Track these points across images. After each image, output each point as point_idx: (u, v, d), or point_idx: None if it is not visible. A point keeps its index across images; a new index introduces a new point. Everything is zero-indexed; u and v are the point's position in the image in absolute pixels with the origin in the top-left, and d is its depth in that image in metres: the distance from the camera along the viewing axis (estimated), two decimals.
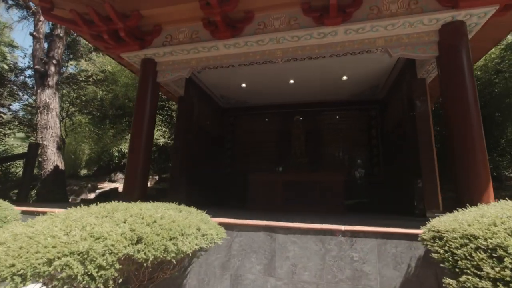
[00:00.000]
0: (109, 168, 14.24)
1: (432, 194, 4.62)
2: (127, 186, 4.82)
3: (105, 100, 11.56)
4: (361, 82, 6.45)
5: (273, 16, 4.48)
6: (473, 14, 3.71)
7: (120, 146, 10.52)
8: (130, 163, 4.91)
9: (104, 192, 9.44)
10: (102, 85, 11.21)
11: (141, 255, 1.62)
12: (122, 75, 11.01)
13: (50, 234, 1.64)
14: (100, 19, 4.61)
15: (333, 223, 2.75)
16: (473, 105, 3.58)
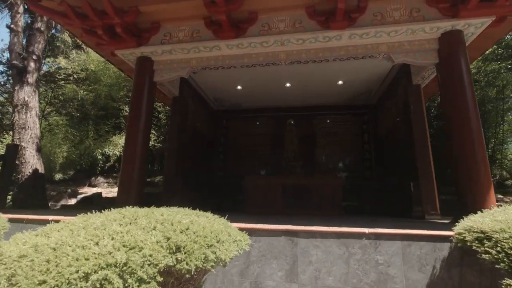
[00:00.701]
0: (89, 172, 13.45)
1: (429, 196, 4.79)
2: (123, 191, 4.54)
3: (86, 100, 10.94)
4: (355, 87, 6.60)
5: (277, 18, 4.46)
6: (471, 24, 3.92)
7: (105, 148, 9.97)
8: (125, 166, 4.63)
9: (87, 198, 8.87)
10: (84, 84, 10.61)
11: (182, 265, 1.48)
12: (106, 75, 10.49)
13: (77, 244, 1.45)
14: (95, 13, 4.33)
15: (341, 226, 2.73)
16: (472, 110, 3.75)
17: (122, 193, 4.53)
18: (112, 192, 11.29)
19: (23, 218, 3.29)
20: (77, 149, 10.25)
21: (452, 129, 3.83)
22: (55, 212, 4.69)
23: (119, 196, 4.52)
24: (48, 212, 4.80)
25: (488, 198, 3.47)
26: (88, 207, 7.93)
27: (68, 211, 5.61)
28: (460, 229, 2.05)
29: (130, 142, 4.69)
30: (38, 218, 3.26)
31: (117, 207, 4.42)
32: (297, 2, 4.22)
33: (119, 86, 10.49)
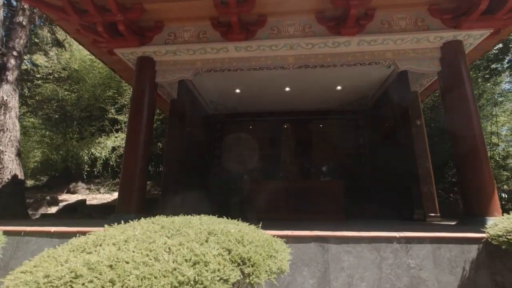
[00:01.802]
0: (66, 178, 12.59)
1: (430, 199, 4.96)
2: (124, 198, 4.26)
3: (67, 100, 10.27)
4: (353, 92, 6.76)
5: (287, 22, 4.45)
6: (471, 35, 4.15)
7: (92, 149, 9.38)
8: (126, 171, 4.36)
9: (70, 206, 8.24)
10: (65, 84, 9.97)
11: (252, 279, 1.37)
12: (90, 74, 9.93)
13: (135, 260, 1.30)
14: (96, 9, 4.07)
15: (353, 230, 2.75)
16: (474, 116, 3.94)
17: (123, 200, 4.25)
18: (96, 199, 10.64)
19: (21, 230, 2.97)
20: (58, 152, 9.55)
21: (456, 135, 4.00)
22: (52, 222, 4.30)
23: (120, 204, 4.24)
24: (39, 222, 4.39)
25: (492, 203, 3.64)
26: (75, 215, 7.39)
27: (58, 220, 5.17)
28: (498, 231, 2.11)
29: (131, 146, 4.43)
30: (39, 230, 2.95)
31: (117, 215, 4.17)
32: (307, 7, 4.24)
33: (107, 86, 9.97)
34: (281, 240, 2.25)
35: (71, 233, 2.95)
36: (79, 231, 2.94)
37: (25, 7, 6.25)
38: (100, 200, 10.63)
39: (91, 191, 12.09)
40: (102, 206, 8.92)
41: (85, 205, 8.52)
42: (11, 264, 2.92)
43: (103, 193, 11.94)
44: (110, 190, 12.00)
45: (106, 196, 11.39)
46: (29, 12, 6.34)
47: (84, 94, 10.20)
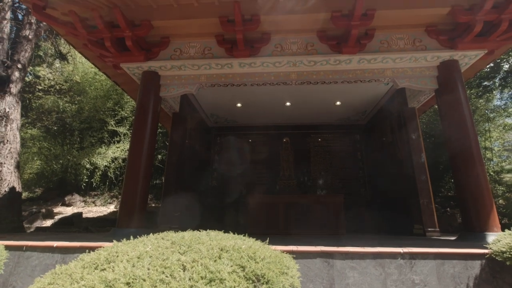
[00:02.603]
0: (61, 190, 12.41)
1: (428, 213, 4.99)
2: (125, 211, 4.23)
3: (67, 112, 10.30)
4: (352, 107, 6.90)
5: (290, 40, 4.61)
6: (466, 56, 4.32)
7: (92, 158, 9.33)
8: (128, 185, 4.35)
9: (65, 219, 8.10)
10: (66, 95, 10.02)
11: None
12: (92, 86, 10.02)
13: (151, 277, 1.31)
14: (105, 25, 4.19)
15: (355, 245, 2.78)
16: (472, 132, 4.05)
17: (124, 214, 4.21)
18: (92, 212, 10.47)
19: (22, 245, 2.92)
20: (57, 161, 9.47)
21: (455, 153, 4.10)
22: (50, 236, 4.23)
23: (122, 218, 4.20)
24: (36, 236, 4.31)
25: (491, 218, 3.69)
26: (71, 229, 7.26)
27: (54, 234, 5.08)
28: (501, 247, 2.15)
29: (134, 160, 4.44)
30: (41, 245, 2.91)
31: (119, 229, 4.12)
32: (309, 26, 4.41)
33: (108, 98, 10.04)
34: (289, 256, 2.26)
35: (74, 248, 2.92)
36: (82, 246, 2.91)
37: (32, 21, 6.38)
38: (96, 213, 10.45)
39: (86, 203, 11.90)
40: (98, 219, 8.77)
41: (81, 218, 8.38)
42: (10, 280, 2.86)
43: (99, 206, 11.76)
44: (106, 202, 11.84)
45: (102, 209, 11.21)
46: (36, 26, 6.47)
47: (85, 106, 10.24)
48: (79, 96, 9.98)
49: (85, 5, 4.05)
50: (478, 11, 3.68)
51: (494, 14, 3.74)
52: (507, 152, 18.36)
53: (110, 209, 11.05)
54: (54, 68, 10.00)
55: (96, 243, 2.89)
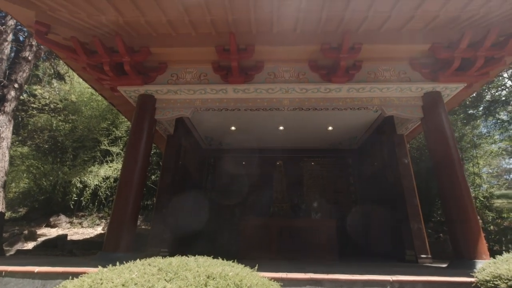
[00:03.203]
0: (46, 210, 12.01)
1: (419, 238, 5.01)
2: (113, 234, 4.14)
3: (60, 130, 10.26)
4: (343, 132, 7.09)
5: (282, 68, 4.84)
6: (448, 87, 4.59)
7: (84, 177, 9.17)
8: (119, 205, 4.30)
9: (49, 241, 7.79)
10: (60, 114, 10.04)
11: None
12: (88, 106, 10.09)
13: None
14: (105, 50, 4.35)
15: (346, 272, 2.78)
16: (456, 161, 4.21)
17: (112, 238, 4.12)
18: (77, 234, 10.10)
19: (1, 270, 2.81)
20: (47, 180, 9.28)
21: (441, 180, 4.22)
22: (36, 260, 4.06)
23: (109, 241, 4.10)
24: (15, 260, 4.14)
25: (479, 245, 3.74)
26: (54, 252, 6.96)
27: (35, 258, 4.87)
28: (486, 276, 2.18)
29: (125, 181, 4.42)
30: (21, 270, 2.80)
31: (104, 253, 4.02)
32: (301, 56, 4.65)
33: (102, 118, 10.08)
34: (277, 284, 2.24)
35: (56, 274, 2.83)
36: (65, 271, 2.82)
37: (33, 44, 6.56)
38: (82, 235, 10.08)
39: (72, 224, 11.49)
40: (84, 242, 8.45)
41: (66, 241, 8.06)
42: None
43: (85, 227, 11.36)
44: (93, 224, 11.46)
45: (88, 231, 10.83)
46: (36, 48, 6.64)
47: (78, 125, 10.24)
48: (74, 115, 10.00)
49: (87, 32, 4.24)
50: (456, 49, 3.98)
51: (470, 52, 4.04)
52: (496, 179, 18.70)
53: (97, 231, 10.69)
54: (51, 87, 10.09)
55: (80, 268, 2.81)
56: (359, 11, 3.76)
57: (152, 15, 3.87)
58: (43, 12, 3.81)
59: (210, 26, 4.14)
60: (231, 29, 4.15)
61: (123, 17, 3.87)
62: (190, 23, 4.09)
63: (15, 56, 6.87)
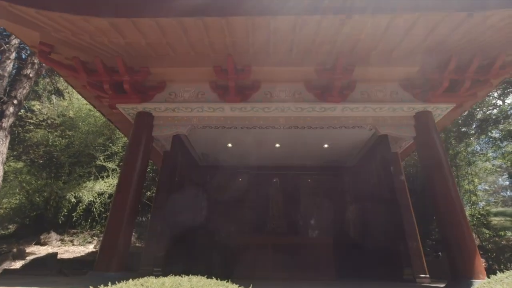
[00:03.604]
0: (37, 227, 11.70)
1: (417, 256, 4.96)
2: (105, 253, 4.08)
3: (56, 146, 10.23)
4: (339, 150, 7.17)
5: (278, 88, 4.97)
6: (438, 107, 4.74)
7: (79, 192, 9.06)
8: (112, 223, 4.26)
9: (38, 260, 7.56)
10: (57, 130, 10.06)
11: None
12: (85, 121, 10.14)
13: None
14: (106, 70, 4.46)
15: None
16: (449, 176, 4.29)
17: (104, 256, 4.04)
18: (68, 252, 9.82)
19: None
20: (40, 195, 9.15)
21: (435, 198, 4.27)
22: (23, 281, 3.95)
23: (101, 260, 4.02)
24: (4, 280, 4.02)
25: (476, 265, 3.74)
26: (43, 271, 6.73)
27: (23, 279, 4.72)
28: None
29: (121, 196, 4.40)
30: None
31: (96, 273, 3.93)
32: (297, 77, 4.80)
33: (99, 134, 10.11)
34: None
35: None
36: None
37: (35, 61, 6.70)
38: (73, 254, 9.81)
39: (63, 242, 11.19)
40: (75, 261, 8.22)
41: (55, 259, 7.83)
42: None
43: (76, 245, 11.07)
44: (85, 241, 11.18)
45: (79, 249, 10.54)
46: (38, 66, 6.77)
47: (75, 141, 10.24)
48: (71, 130, 10.02)
49: (89, 52, 4.37)
50: (444, 71, 4.16)
51: (458, 74, 4.22)
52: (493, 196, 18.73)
53: (89, 249, 10.41)
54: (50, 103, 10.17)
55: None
56: (351, 36, 3.95)
57: (153, 37, 4.02)
58: (48, 33, 3.94)
59: (208, 47, 4.30)
60: (229, 50, 4.31)
61: (124, 39, 4.00)
62: (189, 44, 4.24)
63: (17, 73, 6.99)
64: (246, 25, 3.78)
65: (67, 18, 3.56)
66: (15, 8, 3.62)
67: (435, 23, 3.64)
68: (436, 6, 3.43)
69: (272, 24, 3.74)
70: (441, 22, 3.60)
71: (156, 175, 11.20)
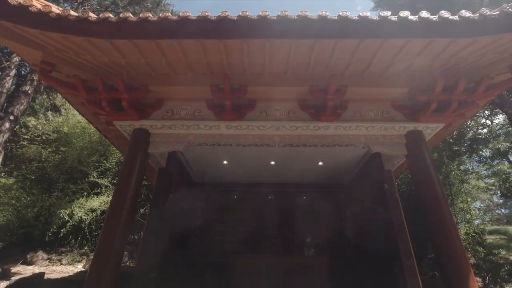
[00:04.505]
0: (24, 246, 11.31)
1: (412, 277, 4.92)
2: (96, 272, 3.97)
3: (49, 162, 10.13)
4: (334, 167, 7.25)
5: (273, 107, 5.10)
6: (428, 127, 4.90)
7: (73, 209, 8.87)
8: (103, 243, 4.18)
9: (23, 280, 7.25)
10: (51, 146, 10.00)
11: None
12: (79, 138, 10.12)
13: None
14: (105, 88, 4.56)
15: None
16: (440, 194, 4.37)
17: (94, 276, 3.94)
18: (56, 271, 9.46)
19: None
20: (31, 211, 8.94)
21: (428, 217, 4.32)
22: None
23: (91, 280, 3.91)
24: None
25: (470, 282, 3.74)
26: None
27: None
28: None
29: (115, 212, 4.35)
30: None
31: None
32: (291, 96, 4.95)
33: (93, 150, 10.07)
34: None
35: None
36: None
37: (34, 78, 6.79)
38: (60, 273, 9.44)
39: (51, 261, 10.80)
40: (63, 281, 7.92)
41: (42, 280, 7.53)
42: None
43: (65, 265, 10.68)
44: (74, 260, 10.81)
45: (68, 269, 10.17)
46: (37, 82, 6.86)
47: (68, 157, 10.16)
48: (65, 146, 9.97)
49: (89, 70, 4.48)
50: (432, 92, 4.34)
51: (445, 95, 4.40)
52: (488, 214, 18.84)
53: (78, 268, 10.05)
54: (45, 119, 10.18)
55: None
56: (343, 59, 4.14)
57: (153, 58, 4.16)
58: (50, 53, 4.06)
59: (206, 67, 4.45)
60: (225, 71, 4.46)
61: (125, 59, 4.13)
62: (187, 65, 4.38)
63: (15, 89, 7.07)
64: (241, 47, 3.95)
65: (70, 39, 3.69)
66: (19, 29, 3.75)
67: (421, 48, 3.86)
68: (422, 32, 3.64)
69: (267, 47, 3.92)
70: (427, 47, 3.82)
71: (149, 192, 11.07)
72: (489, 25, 3.48)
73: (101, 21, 3.61)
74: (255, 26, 3.68)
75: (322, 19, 3.63)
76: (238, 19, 3.66)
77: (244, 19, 3.66)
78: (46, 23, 3.61)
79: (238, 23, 3.67)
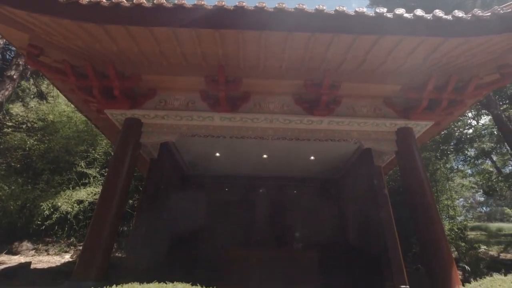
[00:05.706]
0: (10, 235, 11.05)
1: (399, 270, 5.08)
2: (86, 261, 3.94)
3: (34, 150, 9.85)
4: (325, 162, 7.34)
5: (268, 100, 5.09)
6: (418, 124, 5.01)
7: (57, 201, 8.68)
8: (93, 233, 4.13)
9: (9, 270, 7.10)
10: (36, 134, 9.71)
11: None
12: (66, 126, 9.85)
13: None
14: (96, 75, 4.44)
15: None
16: (427, 188, 4.52)
17: (84, 264, 3.90)
18: (42, 261, 9.29)
19: None
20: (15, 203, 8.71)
21: (416, 211, 4.45)
22: None
23: (80, 268, 3.87)
24: None
25: (453, 274, 3.90)
26: (14, 282, 6.34)
27: None
28: None
29: (105, 202, 4.30)
30: None
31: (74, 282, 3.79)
32: (286, 90, 4.95)
33: (80, 139, 9.83)
34: None
35: None
36: None
37: (20, 63, 6.54)
38: (47, 264, 9.28)
39: (38, 251, 10.59)
40: (49, 271, 7.79)
41: (28, 269, 7.40)
42: None
43: (52, 255, 10.50)
44: (61, 251, 10.63)
45: (55, 259, 10.01)
46: (23, 67, 6.62)
47: (55, 146, 9.90)
48: (51, 135, 9.70)
49: (79, 55, 4.34)
50: (423, 91, 4.42)
51: (436, 94, 4.50)
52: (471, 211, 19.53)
53: (65, 258, 9.90)
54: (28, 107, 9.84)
55: None
56: (338, 54, 4.15)
57: (146, 45, 4.06)
58: (38, 36, 3.91)
59: (200, 57, 4.38)
60: (220, 62, 4.41)
61: (117, 46, 4.03)
62: (181, 54, 4.31)
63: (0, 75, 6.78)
64: (237, 38, 3.91)
65: (60, 22, 3.56)
66: (5, 10, 3.58)
67: (414, 46, 3.91)
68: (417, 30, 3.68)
69: (263, 39, 3.88)
70: (420, 45, 3.87)
71: (140, 182, 10.94)
72: (481, 25, 3.56)
73: (93, 5, 3.49)
74: (252, 17, 3.64)
75: (319, 13, 3.62)
76: (234, 9, 3.61)
77: (240, 10, 3.62)
78: (33, 5, 3.46)
79: (235, 14, 3.62)
